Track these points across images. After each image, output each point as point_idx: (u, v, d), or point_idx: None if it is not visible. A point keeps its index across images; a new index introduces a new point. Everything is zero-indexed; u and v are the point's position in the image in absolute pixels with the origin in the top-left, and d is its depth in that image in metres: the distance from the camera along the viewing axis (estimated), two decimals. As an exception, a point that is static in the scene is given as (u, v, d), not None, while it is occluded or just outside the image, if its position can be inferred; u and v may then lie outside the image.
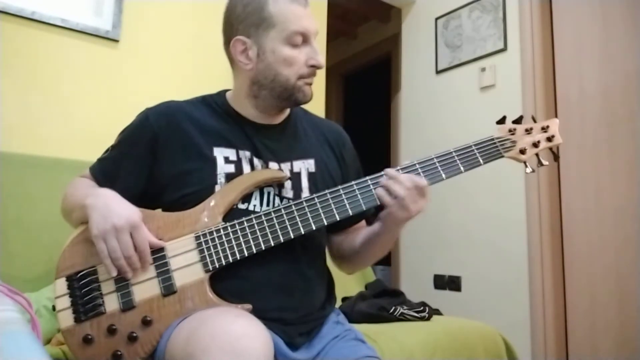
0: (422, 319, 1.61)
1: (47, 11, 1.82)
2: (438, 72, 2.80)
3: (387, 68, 3.38)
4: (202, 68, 2.21)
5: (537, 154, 1.03)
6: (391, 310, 1.59)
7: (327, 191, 0.95)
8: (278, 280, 0.95)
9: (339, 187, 0.96)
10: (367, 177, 0.97)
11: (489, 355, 1.53)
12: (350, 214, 0.94)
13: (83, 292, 0.87)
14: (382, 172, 0.96)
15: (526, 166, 1.03)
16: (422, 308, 1.64)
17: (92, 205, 0.88)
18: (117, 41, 1.99)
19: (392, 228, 0.98)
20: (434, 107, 2.82)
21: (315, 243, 1.04)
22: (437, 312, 1.85)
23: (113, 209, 0.86)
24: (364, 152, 1.28)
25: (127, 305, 0.87)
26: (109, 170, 1.02)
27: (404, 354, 1.32)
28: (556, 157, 1.05)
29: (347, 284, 1.92)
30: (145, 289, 0.88)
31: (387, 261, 3.07)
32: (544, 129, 1.03)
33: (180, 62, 2.16)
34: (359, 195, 0.95)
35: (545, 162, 1.04)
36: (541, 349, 2.16)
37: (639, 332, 1.95)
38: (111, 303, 0.87)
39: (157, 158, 0.99)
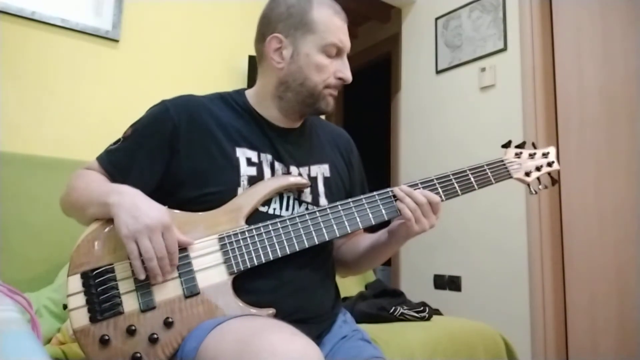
0: (422, 319, 1.61)
1: (47, 11, 1.82)
2: (438, 72, 2.80)
3: (387, 68, 3.38)
4: (202, 68, 2.22)
5: (538, 178, 1.14)
6: (391, 311, 1.59)
7: (349, 200, 0.98)
8: (296, 282, 0.95)
9: (362, 196, 0.99)
10: (389, 189, 1.01)
11: (489, 355, 1.53)
12: (373, 223, 0.98)
13: (99, 291, 0.82)
14: (390, 188, 1.00)
15: (529, 188, 1.13)
16: (422, 308, 1.64)
17: (118, 204, 0.83)
18: (117, 41, 1.99)
19: (400, 240, 1.03)
20: (434, 107, 2.82)
21: (328, 244, 1.05)
22: (437, 312, 1.85)
23: (142, 208, 0.83)
24: (364, 152, 1.29)
25: (148, 306, 0.83)
26: (121, 163, 0.96)
27: (404, 354, 1.32)
28: (555, 181, 1.16)
29: (347, 284, 1.92)
30: (167, 289, 0.85)
31: (387, 261, 3.05)
32: (545, 155, 1.15)
33: (180, 62, 2.16)
34: (381, 206, 0.99)
35: (541, 187, 1.15)
36: (541, 348, 2.16)
37: (639, 330, 1.95)
38: (130, 303, 0.83)
39: (176, 153, 0.96)
